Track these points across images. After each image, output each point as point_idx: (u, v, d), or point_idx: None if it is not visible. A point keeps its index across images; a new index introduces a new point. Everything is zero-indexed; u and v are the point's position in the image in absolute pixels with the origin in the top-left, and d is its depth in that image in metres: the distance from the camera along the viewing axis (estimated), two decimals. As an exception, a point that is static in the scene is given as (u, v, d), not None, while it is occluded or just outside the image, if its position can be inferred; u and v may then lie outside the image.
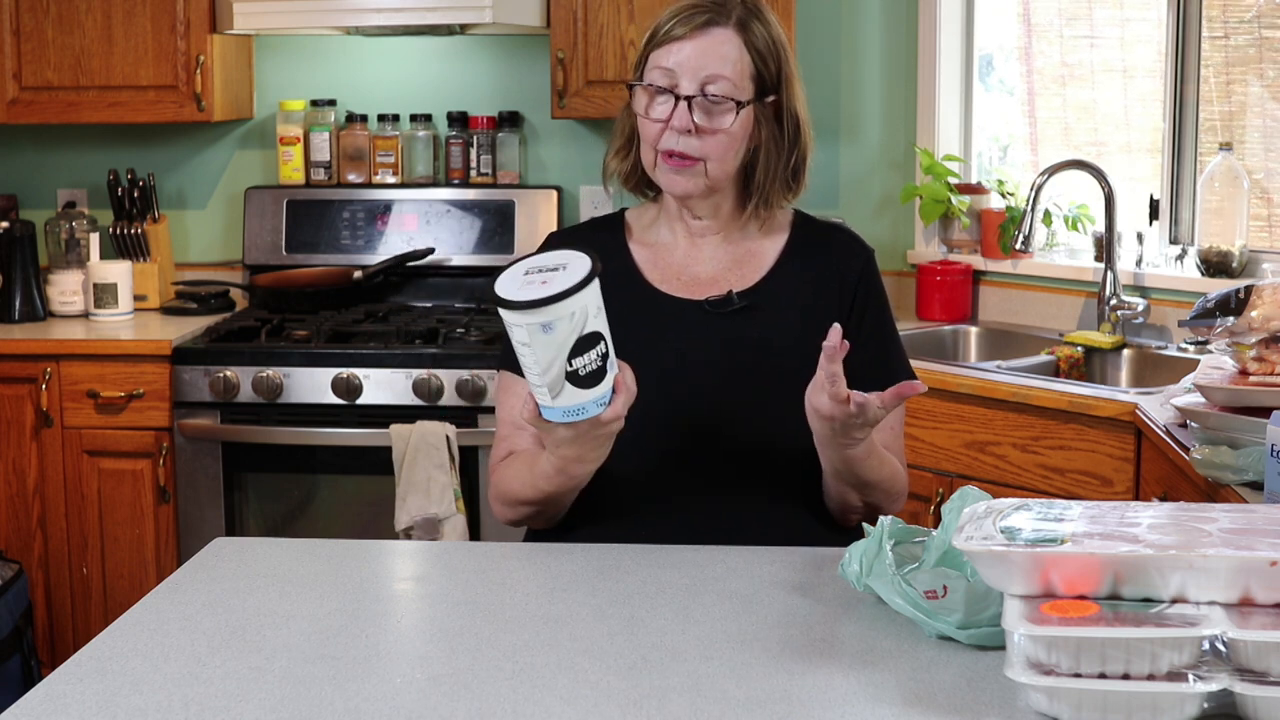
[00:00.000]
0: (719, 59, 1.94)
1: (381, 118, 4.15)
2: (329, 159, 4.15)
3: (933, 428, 3.20)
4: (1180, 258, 3.55)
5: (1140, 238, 3.59)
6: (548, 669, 1.45)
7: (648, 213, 2.11)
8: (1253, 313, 2.24)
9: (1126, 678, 1.25)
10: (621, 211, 2.14)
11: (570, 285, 1.64)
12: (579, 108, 3.81)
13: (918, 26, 3.97)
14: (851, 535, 2.02)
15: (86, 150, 4.24)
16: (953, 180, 3.90)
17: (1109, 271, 3.54)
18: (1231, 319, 2.26)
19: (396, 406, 3.52)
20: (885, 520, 1.63)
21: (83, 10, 3.87)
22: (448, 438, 3.42)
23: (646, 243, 2.08)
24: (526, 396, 1.75)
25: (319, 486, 3.68)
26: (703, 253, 2.06)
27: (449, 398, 3.50)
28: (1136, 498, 2.82)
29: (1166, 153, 3.60)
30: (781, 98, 2.00)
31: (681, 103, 1.94)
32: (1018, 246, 3.57)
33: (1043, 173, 3.55)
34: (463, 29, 4.03)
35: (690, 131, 1.94)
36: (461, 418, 3.48)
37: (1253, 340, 2.25)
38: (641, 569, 1.76)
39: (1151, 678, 1.25)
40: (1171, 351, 3.40)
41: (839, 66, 4.06)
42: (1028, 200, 3.53)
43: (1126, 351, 3.47)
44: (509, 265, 1.73)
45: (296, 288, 4.03)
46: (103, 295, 3.92)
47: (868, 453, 1.89)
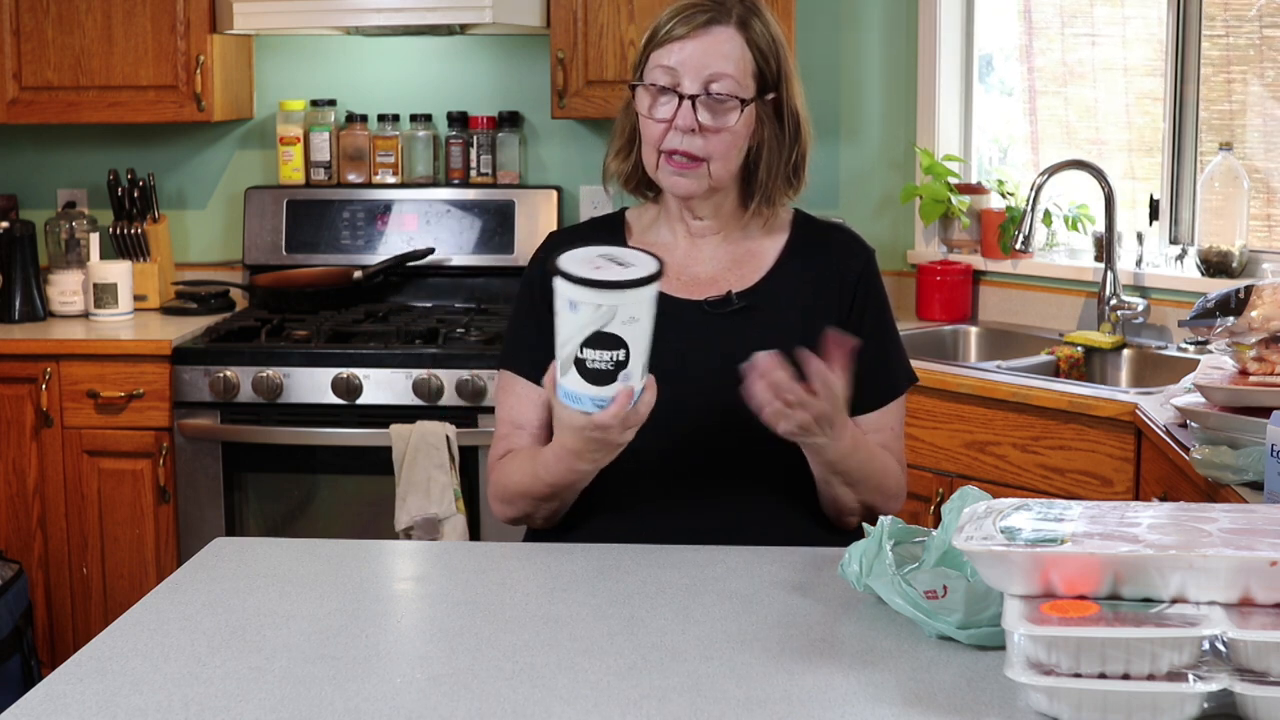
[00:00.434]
0: (722, 57, 1.95)
1: (381, 118, 4.15)
2: (329, 159, 4.15)
3: (933, 428, 3.19)
4: (1180, 258, 3.55)
5: (1140, 238, 3.59)
6: (548, 669, 1.45)
7: (647, 213, 2.11)
8: (1253, 313, 2.24)
9: (1126, 678, 1.25)
10: (622, 211, 2.15)
11: (608, 280, 1.67)
12: (579, 108, 3.81)
13: (918, 26, 3.97)
14: (851, 536, 2.03)
15: (86, 150, 4.24)
16: (953, 180, 3.90)
17: (1109, 271, 3.54)
18: (1231, 319, 2.26)
19: (396, 406, 3.52)
20: (885, 520, 1.63)
21: (83, 10, 3.87)
22: (448, 438, 3.42)
23: (646, 243, 2.08)
24: (552, 364, 1.77)
25: (319, 486, 3.68)
26: (703, 253, 2.06)
27: (449, 398, 3.50)
28: (1136, 498, 2.82)
29: (1166, 152, 3.60)
30: (782, 95, 2.00)
31: (685, 102, 1.94)
32: (1018, 246, 3.57)
33: (1043, 173, 3.55)
34: (463, 29, 4.03)
35: (694, 131, 1.94)
36: (461, 418, 3.48)
37: (1253, 340, 2.25)
38: (641, 569, 1.76)
39: (1151, 678, 1.25)
40: (1171, 351, 3.40)
41: (839, 66, 4.06)
42: (1028, 200, 3.53)
43: (1126, 351, 3.47)
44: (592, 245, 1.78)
45: (296, 288, 4.03)
46: (103, 295, 3.92)
47: (853, 446, 1.90)
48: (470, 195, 4.09)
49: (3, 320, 3.89)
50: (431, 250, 4.03)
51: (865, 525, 1.66)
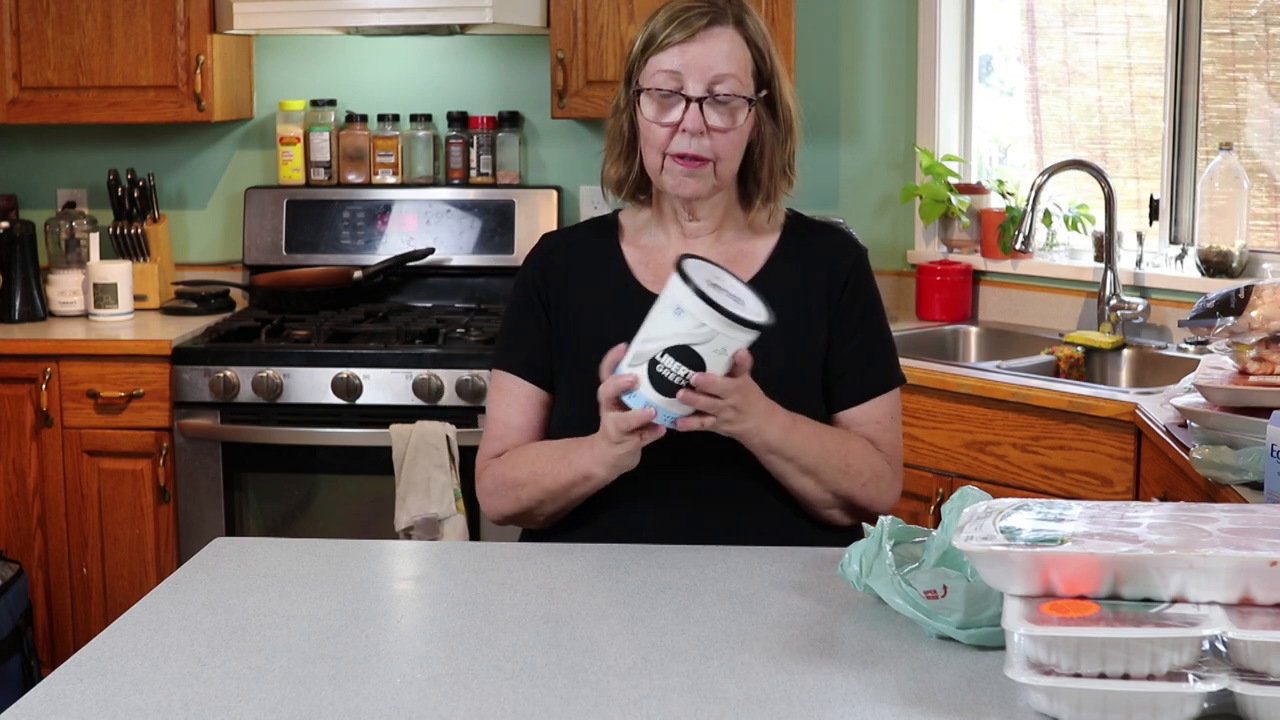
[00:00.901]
0: (724, 58, 1.96)
1: (381, 118, 4.15)
2: (329, 159, 4.15)
3: (933, 428, 3.19)
4: (1180, 258, 3.55)
5: (1140, 238, 3.59)
6: (548, 669, 1.45)
7: (640, 215, 2.11)
8: (1253, 313, 2.24)
9: (1126, 678, 1.25)
10: (616, 213, 2.15)
11: (727, 309, 1.72)
12: (579, 108, 3.81)
13: (918, 27, 3.97)
14: (849, 534, 2.03)
15: (86, 150, 4.24)
16: (953, 180, 3.90)
17: (1109, 271, 3.54)
18: (1231, 319, 2.26)
19: (396, 406, 3.52)
20: (885, 520, 1.63)
21: (83, 10, 3.87)
22: (448, 438, 3.42)
23: (639, 244, 2.09)
24: (621, 346, 1.81)
25: (319, 486, 3.68)
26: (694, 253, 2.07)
27: (449, 398, 3.50)
28: (1136, 498, 2.82)
29: (1167, 152, 3.59)
30: (775, 90, 2.02)
31: (692, 105, 1.95)
32: (1018, 246, 3.57)
33: (1042, 172, 3.55)
34: (463, 29, 4.03)
35: (702, 133, 1.95)
36: (461, 418, 3.48)
37: (1253, 340, 2.25)
38: (641, 569, 1.76)
39: (1151, 678, 1.25)
40: (1171, 351, 3.40)
41: (839, 66, 4.06)
42: (1028, 200, 3.53)
43: (1126, 351, 3.47)
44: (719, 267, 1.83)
45: (296, 288, 4.03)
46: (103, 295, 3.92)
47: (790, 425, 1.91)
48: (470, 195, 4.09)
49: (3, 320, 3.89)
50: (431, 250, 4.03)
51: (865, 525, 1.66)
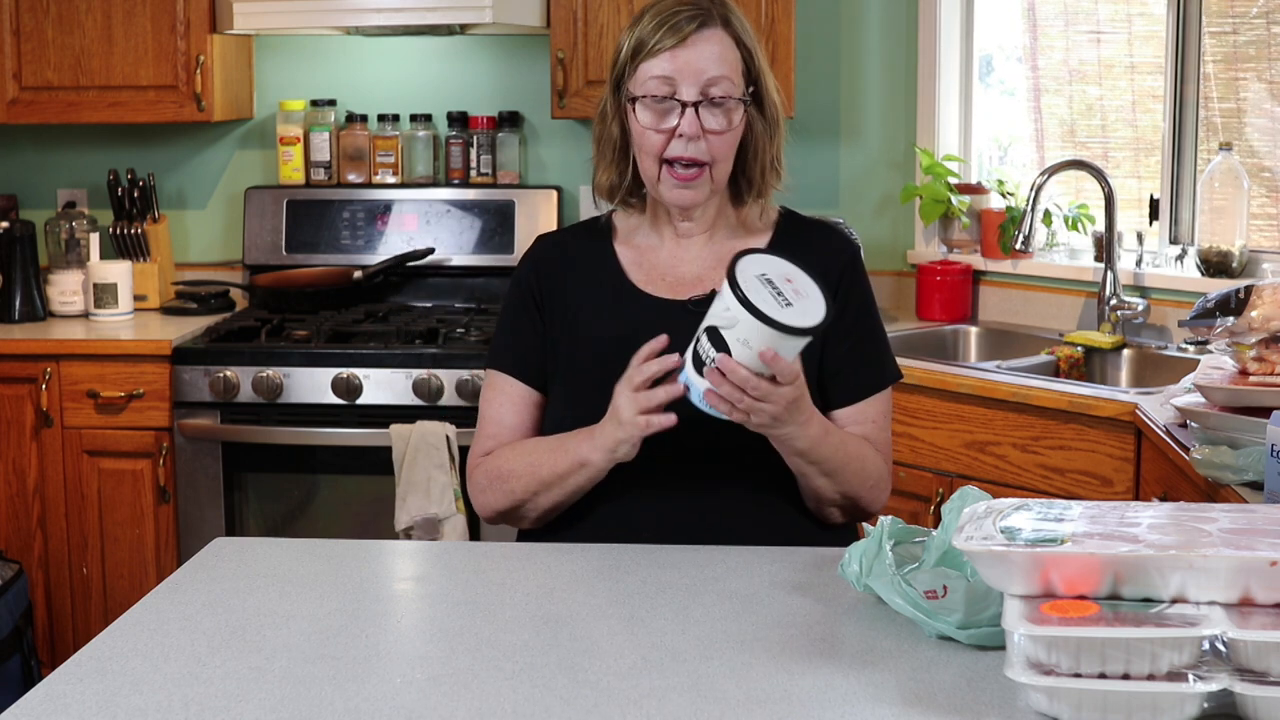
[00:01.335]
0: (717, 60, 1.96)
1: (381, 118, 4.15)
2: (329, 159, 4.15)
3: (933, 428, 3.19)
4: (1180, 258, 3.55)
5: (1140, 238, 3.59)
6: (548, 669, 1.45)
7: (633, 216, 2.11)
8: (1253, 313, 2.24)
9: (1126, 678, 1.25)
10: (609, 214, 2.15)
11: (746, 296, 1.71)
12: (579, 108, 3.81)
13: (918, 26, 3.97)
14: (844, 532, 2.03)
15: (86, 150, 4.24)
16: (953, 180, 3.90)
17: (1109, 271, 3.54)
18: (1231, 319, 2.26)
19: (396, 406, 3.52)
20: (885, 520, 1.63)
21: (83, 10, 3.87)
22: (448, 438, 3.42)
23: (631, 244, 2.09)
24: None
25: (319, 486, 3.68)
26: (688, 253, 2.07)
27: (449, 398, 3.50)
28: (1136, 498, 2.82)
29: (1167, 152, 3.59)
30: (761, 86, 2.02)
31: (688, 110, 1.94)
32: (1018, 246, 3.57)
33: (1042, 172, 3.55)
34: (463, 29, 4.03)
35: (698, 137, 1.95)
36: (461, 418, 3.48)
37: (1253, 340, 2.25)
38: (641, 569, 1.76)
39: (1151, 678, 1.25)
40: (1171, 351, 3.40)
41: (839, 66, 4.06)
42: (1028, 200, 3.53)
43: (1126, 351, 3.47)
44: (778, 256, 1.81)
45: (296, 288, 4.03)
46: (103, 295, 3.92)
47: (823, 433, 1.90)
48: (470, 195, 4.09)
49: (3, 320, 3.89)
50: (431, 250, 4.03)
51: (865, 525, 1.66)
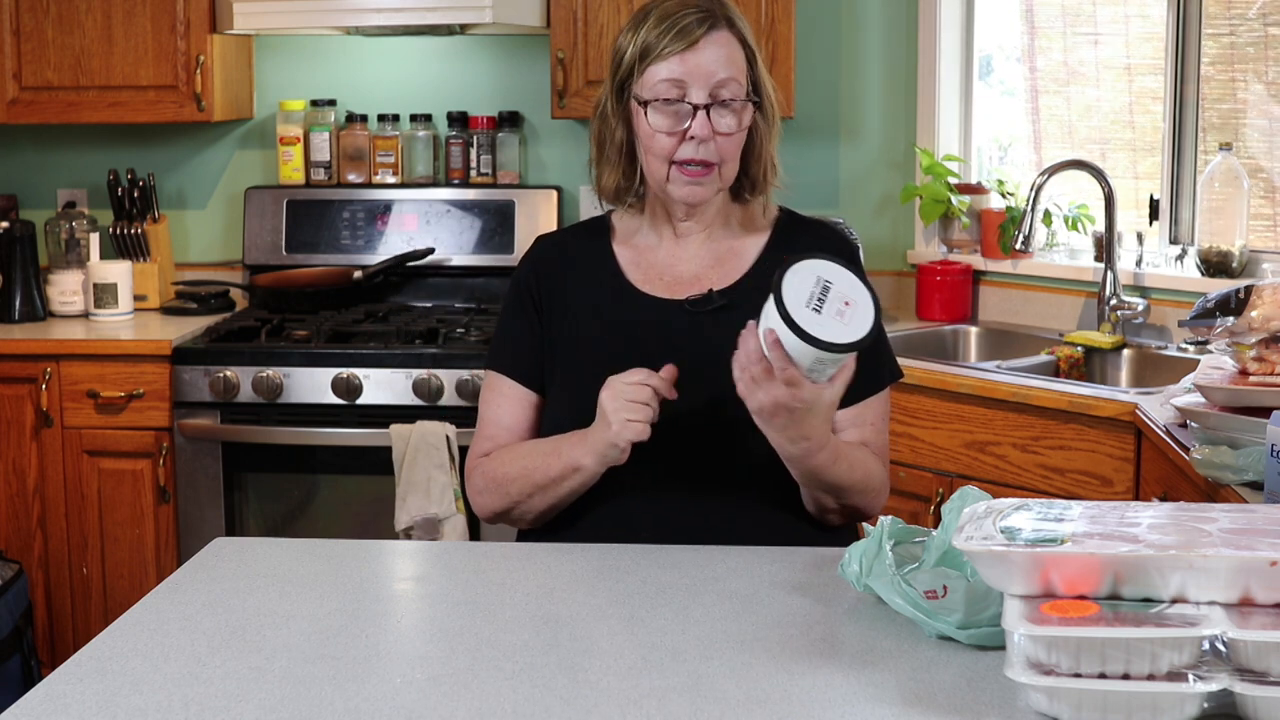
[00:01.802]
0: (725, 61, 1.96)
1: (381, 118, 4.15)
2: (329, 159, 4.15)
3: (933, 428, 3.19)
4: (1180, 258, 3.55)
5: (1140, 238, 3.59)
6: (548, 669, 1.45)
7: (632, 216, 2.11)
8: (1253, 313, 2.24)
9: (1126, 678, 1.25)
10: (608, 214, 2.15)
11: (778, 287, 1.70)
12: (579, 108, 3.81)
13: (918, 26, 3.97)
14: (844, 532, 2.03)
15: (86, 150, 4.24)
16: (953, 180, 3.90)
17: (1109, 271, 3.54)
18: (1231, 319, 2.26)
19: (396, 406, 3.52)
20: (885, 520, 1.63)
21: (83, 10, 3.87)
22: (448, 438, 3.42)
23: (629, 244, 2.09)
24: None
25: (319, 486, 3.68)
26: (686, 252, 2.07)
27: (449, 398, 3.50)
28: (1136, 498, 2.82)
29: (1166, 152, 3.59)
30: (761, 83, 2.02)
31: (700, 112, 1.95)
32: (1018, 246, 3.57)
33: (1042, 173, 3.55)
34: (463, 29, 4.03)
35: (709, 139, 1.95)
36: (461, 418, 3.48)
37: (1253, 340, 2.25)
38: (641, 569, 1.76)
39: (1151, 678, 1.25)
40: (1171, 351, 3.40)
41: (839, 66, 4.06)
42: (1028, 200, 3.53)
43: (1126, 351, 3.47)
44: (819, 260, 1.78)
45: (296, 288, 4.03)
46: (103, 295, 3.92)
47: (834, 458, 1.89)
48: (470, 195, 4.09)
49: (3, 320, 3.89)
50: (431, 250, 4.03)
51: (865, 525, 1.66)
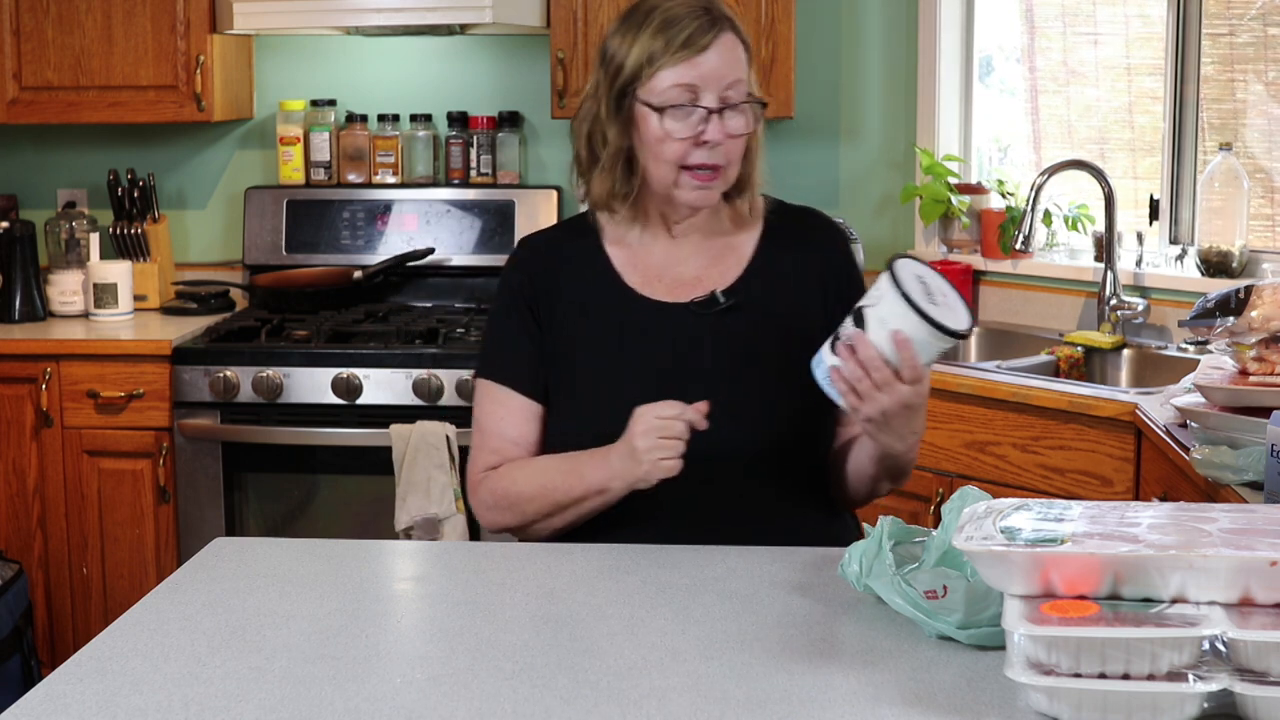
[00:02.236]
0: (734, 64, 1.96)
1: (381, 118, 4.15)
2: (329, 159, 4.15)
3: (933, 428, 3.19)
4: (1180, 258, 3.55)
5: (1140, 238, 3.59)
6: (548, 669, 1.45)
7: (618, 215, 2.07)
8: (1253, 313, 2.24)
9: (1126, 678, 1.25)
10: (591, 213, 2.11)
11: (896, 274, 1.72)
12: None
13: (918, 27, 3.97)
14: (844, 532, 2.03)
15: (86, 150, 4.24)
16: (953, 180, 3.90)
17: (1109, 271, 3.54)
18: (1231, 319, 2.26)
19: (396, 406, 3.52)
20: (885, 520, 1.63)
21: (83, 10, 3.87)
22: (448, 438, 3.42)
23: (622, 244, 2.07)
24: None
25: (319, 486, 3.68)
26: (682, 252, 2.06)
27: (449, 398, 3.50)
28: (1136, 498, 2.82)
29: (1166, 152, 3.59)
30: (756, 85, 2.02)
31: (713, 117, 1.94)
32: (1018, 246, 3.57)
33: (1042, 173, 3.54)
34: (463, 29, 4.03)
35: (722, 143, 1.95)
36: (461, 418, 3.47)
37: (1253, 340, 2.25)
38: (641, 569, 1.76)
39: (1151, 678, 1.25)
40: (1171, 351, 3.40)
41: (839, 67, 4.06)
42: (1028, 200, 3.53)
43: (1126, 351, 3.47)
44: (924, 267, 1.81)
45: (296, 288, 4.03)
46: (103, 295, 3.92)
47: (916, 446, 1.90)
48: (470, 195, 4.09)
49: (3, 320, 3.89)
50: (431, 250, 4.03)
51: (865, 525, 1.66)
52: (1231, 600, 1.30)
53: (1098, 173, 3.58)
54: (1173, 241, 3.60)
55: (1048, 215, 3.79)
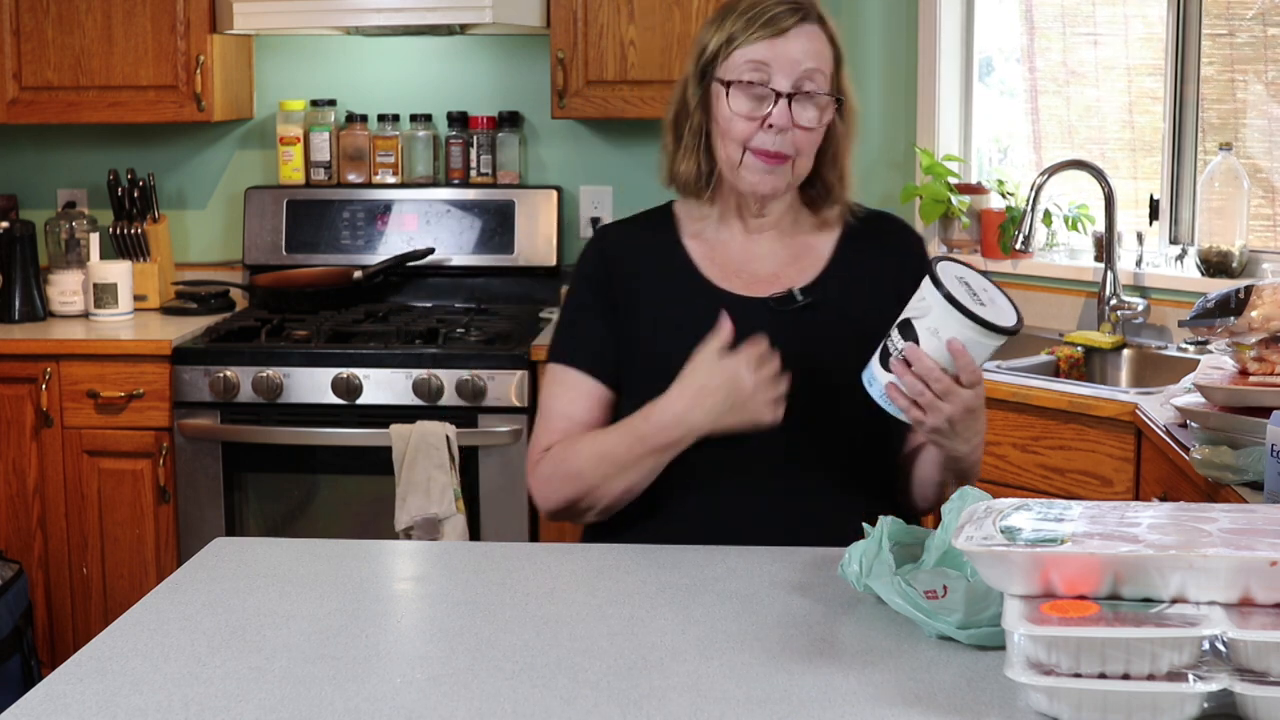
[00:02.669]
0: (815, 54, 1.96)
1: (381, 118, 4.15)
2: (329, 159, 4.15)
3: (933, 428, 3.19)
4: (1180, 258, 3.55)
5: (1140, 238, 3.59)
6: (548, 669, 1.45)
7: (698, 208, 2.08)
8: (1253, 313, 2.24)
9: (1126, 678, 1.25)
10: (670, 205, 2.12)
11: (939, 280, 1.73)
12: (579, 108, 3.81)
13: (918, 27, 3.97)
14: (844, 532, 2.02)
15: (86, 150, 4.24)
16: (953, 180, 3.90)
17: (1109, 271, 3.54)
18: (1231, 319, 2.26)
19: (396, 406, 3.52)
20: (885, 520, 1.63)
21: (83, 10, 3.87)
22: (448, 438, 3.42)
23: (700, 238, 2.07)
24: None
25: (319, 486, 3.68)
26: (760, 249, 2.05)
27: (449, 398, 3.50)
28: (1136, 498, 2.82)
29: (1166, 152, 3.59)
30: (845, 91, 2.02)
31: (781, 100, 1.94)
32: (1018, 246, 3.57)
33: (1042, 173, 3.54)
34: (463, 29, 4.03)
35: (788, 129, 1.94)
36: (461, 418, 3.48)
37: (1253, 340, 2.25)
38: (641, 569, 1.76)
39: (1151, 678, 1.25)
40: (1171, 351, 3.40)
41: (839, 66, 4.05)
42: (1028, 200, 3.53)
43: (1126, 351, 3.47)
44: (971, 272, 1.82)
45: (296, 288, 4.03)
46: (103, 295, 3.92)
47: (980, 447, 1.90)
48: (470, 195, 4.09)
49: (3, 320, 3.89)
50: (431, 250, 4.03)
51: (865, 525, 1.66)
52: (1231, 600, 1.30)
53: (1098, 173, 3.58)
54: (1173, 241, 3.60)
55: (1048, 215, 3.79)
